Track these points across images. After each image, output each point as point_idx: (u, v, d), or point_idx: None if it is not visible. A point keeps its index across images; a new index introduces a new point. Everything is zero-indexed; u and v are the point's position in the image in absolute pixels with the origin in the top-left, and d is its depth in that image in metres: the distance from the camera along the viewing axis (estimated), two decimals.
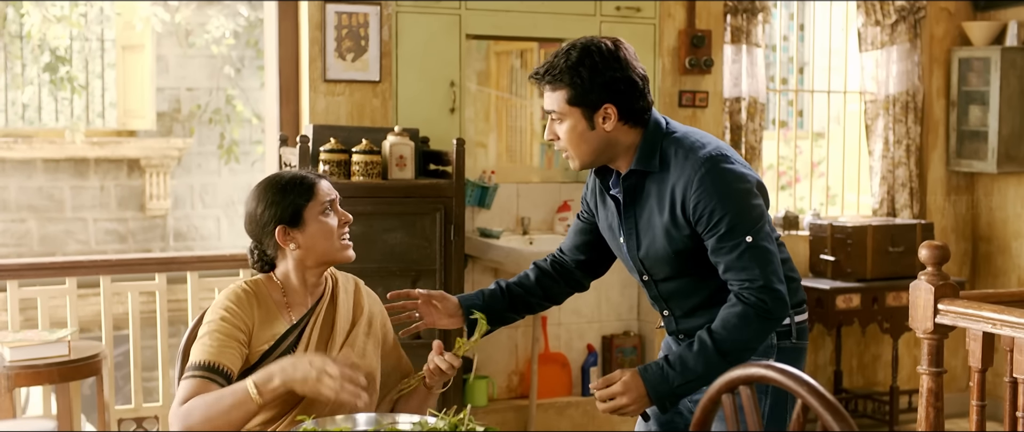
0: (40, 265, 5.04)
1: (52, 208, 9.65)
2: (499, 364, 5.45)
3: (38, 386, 4.50)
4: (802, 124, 7.42)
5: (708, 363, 2.53)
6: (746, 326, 2.53)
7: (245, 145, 10.39)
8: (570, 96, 2.57)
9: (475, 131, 5.47)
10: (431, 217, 4.62)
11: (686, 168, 2.56)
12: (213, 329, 2.53)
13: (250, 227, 2.64)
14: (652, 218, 2.63)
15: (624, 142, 2.63)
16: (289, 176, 2.63)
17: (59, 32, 9.17)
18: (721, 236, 2.54)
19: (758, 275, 2.52)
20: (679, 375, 2.54)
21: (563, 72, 2.56)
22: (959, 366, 6.10)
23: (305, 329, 2.62)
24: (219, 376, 2.48)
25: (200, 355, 2.51)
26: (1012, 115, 5.98)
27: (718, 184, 2.53)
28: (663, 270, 2.68)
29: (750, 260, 2.52)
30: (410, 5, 5.11)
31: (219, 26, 9.75)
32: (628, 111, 2.61)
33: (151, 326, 5.32)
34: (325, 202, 2.61)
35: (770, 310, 2.53)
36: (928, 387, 3.32)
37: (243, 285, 2.62)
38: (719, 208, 2.52)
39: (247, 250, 2.70)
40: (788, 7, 6.51)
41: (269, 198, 2.59)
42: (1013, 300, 3.32)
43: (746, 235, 2.53)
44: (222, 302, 2.58)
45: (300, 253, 2.60)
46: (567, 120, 2.59)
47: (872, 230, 5.62)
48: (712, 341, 2.54)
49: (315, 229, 2.59)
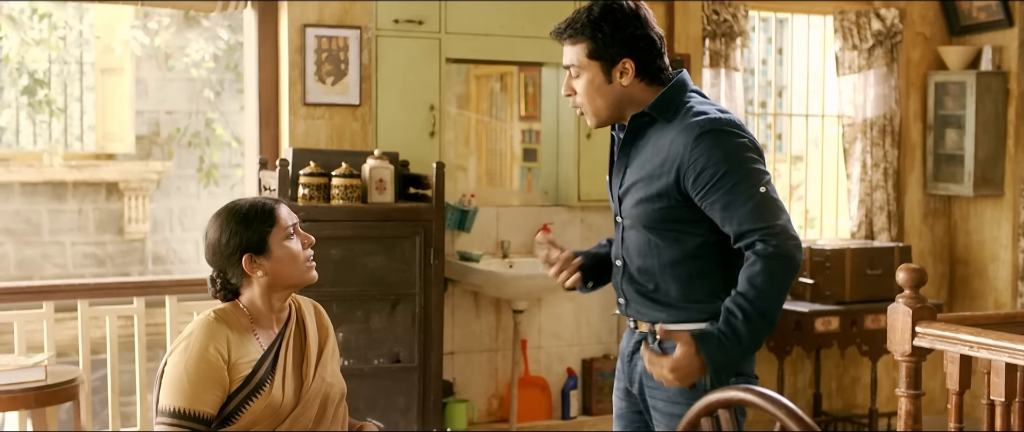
0: (17, 289, 5.00)
1: (29, 232, 9.60)
2: (479, 387, 5.44)
3: (14, 411, 4.46)
4: (781, 147, 7.47)
5: (754, 328, 2.49)
6: (773, 278, 2.49)
7: (224, 168, 10.36)
8: (590, 50, 2.65)
9: (455, 154, 5.48)
10: (411, 241, 4.61)
11: (692, 126, 2.57)
12: (190, 370, 2.52)
13: (213, 257, 2.64)
14: (644, 163, 2.65)
15: (639, 99, 2.68)
16: (249, 204, 2.64)
17: (38, 55, 9.14)
18: (731, 188, 2.52)
19: (776, 224, 2.50)
20: (735, 345, 2.49)
21: (585, 26, 2.64)
22: (937, 388, 6.12)
23: (279, 352, 2.64)
24: (200, 424, 2.50)
25: (177, 400, 2.50)
26: (988, 139, 6.03)
27: (721, 143, 2.54)
28: (630, 215, 2.70)
29: (766, 209, 2.51)
30: (390, 29, 5.12)
31: (199, 49, 9.73)
32: (645, 67, 2.66)
33: (129, 350, 5.29)
34: (287, 227, 2.64)
35: (793, 257, 2.50)
36: (907, 409, 3.33)
37: (212, 314, 2.61)
38: (723, 163, 2.52)
39: (208, 279, 2.69)
40: (767, 31, 6.55)
41: (232, 227, 2.60)
42: (990, 323, 3.34)
43: (759, 186, 2.52)
44: (197, 336, 2.56)
45: (267, 279, 2.62)
46: (585, 74, 2.66)
47: (850, 253, 5.65)
48: (750, 304, 2.49)
49: (281, 254, 2.61)
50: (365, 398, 4.47)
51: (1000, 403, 3.12)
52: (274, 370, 2.62)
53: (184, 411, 2.48)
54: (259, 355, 2.61)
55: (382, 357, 4.59)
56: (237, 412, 2.57)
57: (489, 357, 5.43)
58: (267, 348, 2.63)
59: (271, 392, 2.59)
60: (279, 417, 2.60)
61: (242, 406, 2.57)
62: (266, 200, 2.66)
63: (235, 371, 2.57)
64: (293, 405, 2.63)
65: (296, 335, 2.69)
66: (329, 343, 2.75)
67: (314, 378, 2.66)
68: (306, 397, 2.64)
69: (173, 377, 2.52)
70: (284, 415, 2.61)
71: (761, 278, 2.49)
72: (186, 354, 2.54)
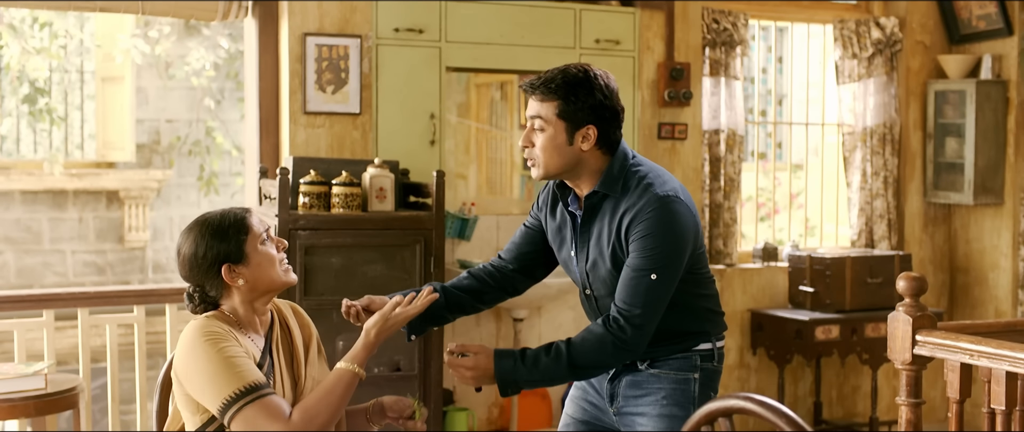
0: (17, 297, 5.00)
1: (30, 240, 9.60)
2: (479, 395, 5.43)
3: (14, 420, 4.46)
4: (781, 156, 7.47)
5: (557, 371, 2.77)
6: (603, 351, 2.76)
7: (225, 177, 10.37)
8: (560, 110, 2.79)
9: (455, 163, 5.48)
10: (411, 249, 4.61)
11: (641, 199, 2.77)
12: (221, 357, 2.51)
13: (191, 271, 2.65)
14: (602, 238, 2.83)
15: (591, 165, 2.83)
16: (220, 215, 2.66)
17: (38, 64, 9.15)
18: (635, 260, 2.74)
19: (640, 311, 2.73)
20: (528, 372, 2.75)
21: (560, 87, 2.79)
22: (938, 397, 6.12)
23: (272, 355, 2.68)
24: (267, 389, 2.52)
25: (233, 383, 2.49)
26: (987, 147, 6.03)
27: (661, 221, 2.74)
28: (603, 288, 2.87)
29: (644, 294, 2.73)
30: (390, 38, 5.13)
31: (199, 58, 9.74)
32: (605, 138, 2.82)
33: (129, 359, 5.29)
34: (261, 233, 2.67)
35: (630, 346, 2.75)
36: (907, 418, 3.33)
37: (205, 320, 2.62)
38: (649, 239, 2.73)
39: (185, 296, 2.70)
40: (767, 40, 6.56)
41: (208, 240, 2.62)
42: (990, 331, 3.34)
43: (652, 272, 2.73)
44: (205, 332, 2.56)
45: (247, 286, 2.64)
46: (549, 130, 2.80)
47: (851, 261, 5.65)
48: (568, 354, 2.76)
49: (258, 260, 2.64)
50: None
51: (1001, 412, 3.12)
52: (273, 371, 2.65)
53: (244, 387, 2.48)
54: (257, 353, 2.63)
55: (382, 365, 4.59)
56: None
57: None
58: (262, 349, 2.65)
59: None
60: None
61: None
62: (235, 210, 2.69)
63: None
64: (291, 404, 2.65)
65: (282, 337, 2.74)
66: (313, 341, 2.79)
67: (306, 378, 2.71)
68: (301, 395, 2.68)
69: (207, 373, 2.51)
70: None
71: (595, 343, 2.77)
72: (206, 350, 2.53)
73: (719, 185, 5.78)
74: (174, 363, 2.62)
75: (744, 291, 5.94)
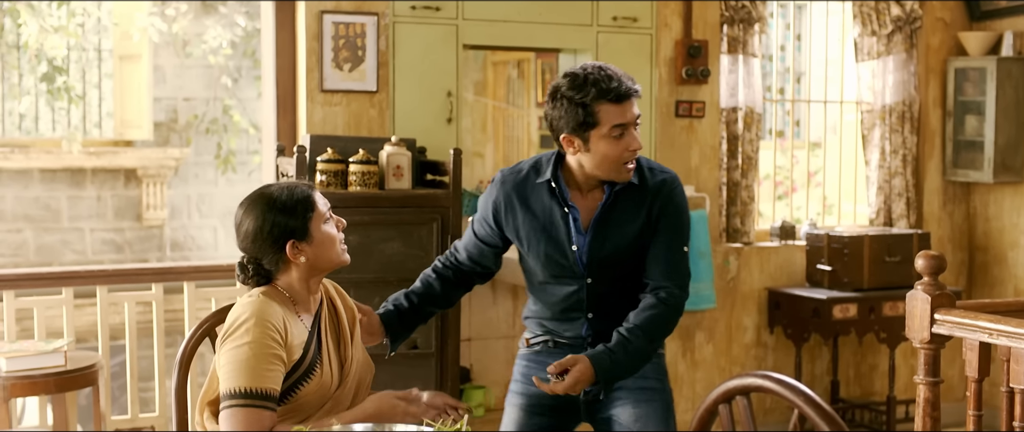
0: (36, 275, 5.03)
1: (49, 218, 9.65)
2: (496, 373, 5.44)
3: (34, 397, 4.50)
4: (799, 134, 7.45)
5: (643, 351, 2.93)
6: (670, 321, 3.00)
7: (242, 155, 10.39)
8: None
9: (472, 141, 5.47)
10: (428, 227, 4.62)
11: (662, 184, 3.04)
12: (256, 349, 2.50)
13: (252, 244, 2.62)
14: (624, 225, 3.00)
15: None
16: (286, 191, 2.64)
17: (56, 42, 9.17)
18: (671, 238, 3.00)
19: (683, 282, 3.00)
20: (623, 360, 2.90)
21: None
22: (956, 376, 6.10)
23: (321, 334, 2.67)
24: (269, 402, 2.48)
25: (244, 380, 2.47)
26: (1008, 125, 5.99)
27: (679, 200, 3.05)
28: (612, 271, 3.02)
29: (684, 266, 3.02)
30: (407, 15, 5.12)
31: (216, 36, 9.75)
32: None
33: (148, 336, 5.32)
34: (325, 212, 2.67)
35: (681, 310, 3.02)
36: (925, 397, 3.32)
37: (261, 295, 2.59)
38: (676, 217, 3.02)
39: (238, 266, 2.68)
40: (785, 17, 6.52)
41: (275, 216, 2.60)
42: (1010, 310, 3.32)
43: (685, 244, 3.04)
44: (257, 317, 2.53)
45: (308, 264, 2.63)
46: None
47: (869, 240, 5.63)
48: (644, 334, 2.93)
49: (321, 239, 2.64)
50: (382, 385, 4.46)
51: (1020, 390, 3.10)
52: (321, 352, 2.64)
53: (252, 390, 2.46)
54: (305, 336, 2.62)
55: None
56: (289, 394, 2.57)
57: (506, 343, 5.43)
58: (310, 330, 2.65)
59: (322, 374, 2.61)
60: (325, 398, 2.63)
61: (295, 388, 2.57)
62: (301, 186, 2.67)
63: (289, 353, 2.57)
64: (338, 385, 2.66)
65: (330, 317, 2.73)
66: (356, 322, 2.80)
67: (351, 360, 2.71)
68: (348, 377, 2.68)
69: (237, 359, 2.49)
70: (329, 395, 2.64)
71: (659, 320, 2.97)
72: (248, 335, 2.50)
73: (737, 163, 5.76)
74: (223, 327, 2.59)
75: (761, 270, 5.93)
